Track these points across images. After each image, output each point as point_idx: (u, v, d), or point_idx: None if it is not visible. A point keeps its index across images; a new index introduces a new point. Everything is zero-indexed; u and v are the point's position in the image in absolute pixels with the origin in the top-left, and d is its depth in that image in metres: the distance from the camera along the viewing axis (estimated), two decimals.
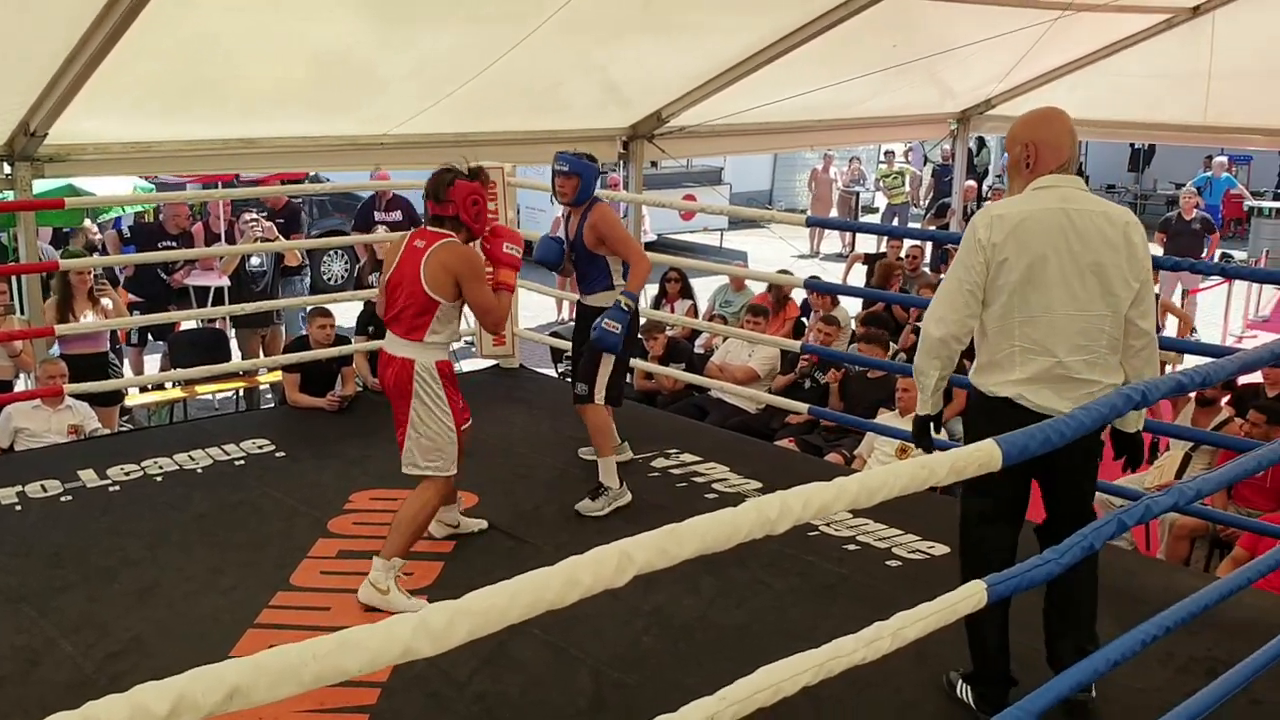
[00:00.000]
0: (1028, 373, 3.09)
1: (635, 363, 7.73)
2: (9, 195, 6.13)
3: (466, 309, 4.22)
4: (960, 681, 3.38)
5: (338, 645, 1.30)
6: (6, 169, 6.11)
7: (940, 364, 3.23)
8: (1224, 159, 16.62)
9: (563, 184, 5.01)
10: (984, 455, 1.98)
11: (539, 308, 11.78)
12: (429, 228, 4.14)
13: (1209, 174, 16.36)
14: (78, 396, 6.16)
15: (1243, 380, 6.41)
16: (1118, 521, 2.36)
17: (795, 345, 6.68)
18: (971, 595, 2.11)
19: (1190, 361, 5.57)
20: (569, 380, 5.23)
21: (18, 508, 4.85)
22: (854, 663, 1.91)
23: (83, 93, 5.68)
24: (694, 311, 9.44)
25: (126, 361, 8.47)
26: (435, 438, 4.11)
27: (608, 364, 4.96)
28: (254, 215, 8.86)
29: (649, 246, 11.91)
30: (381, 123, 7.24)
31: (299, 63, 6.35)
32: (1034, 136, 3.14)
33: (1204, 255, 11.50)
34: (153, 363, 9.12)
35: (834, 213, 18.32)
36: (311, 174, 10.97)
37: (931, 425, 3.47)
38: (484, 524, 4.72)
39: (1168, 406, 6.74)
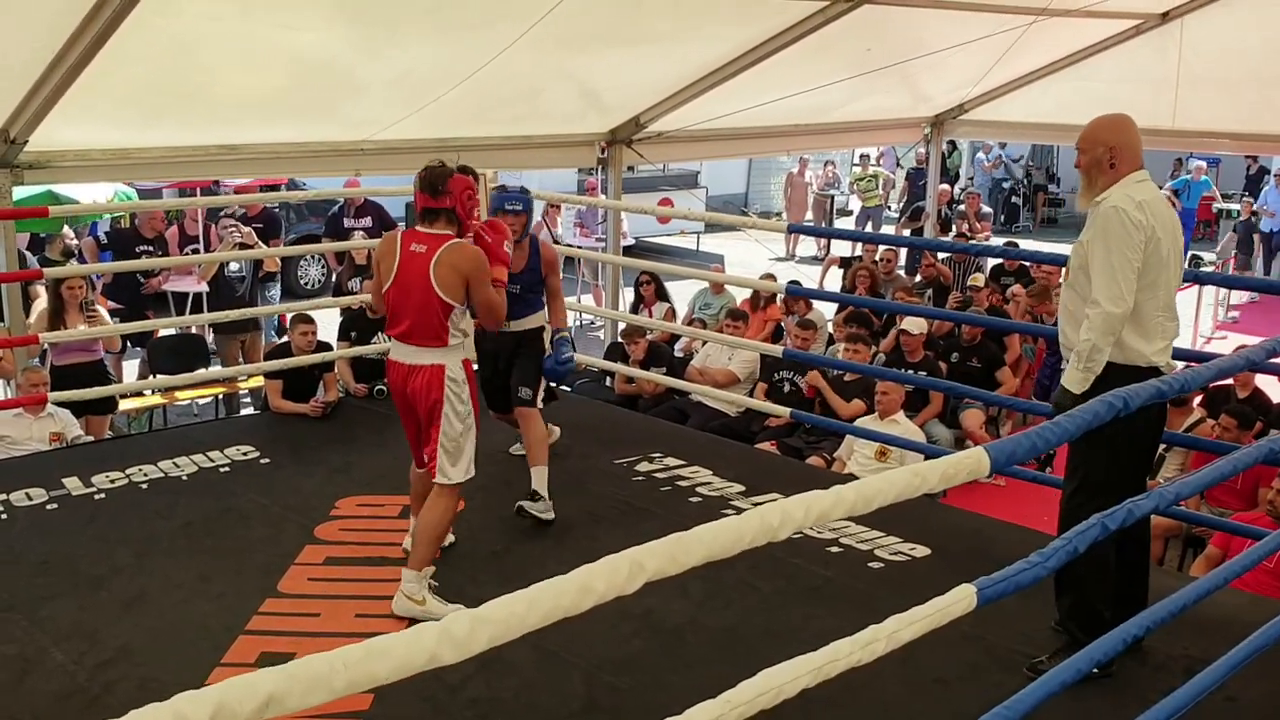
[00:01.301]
0: (1166, 339, 3.51)
1: (617, 366, 7.81)
2: None
3: None
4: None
5: (366, 653, 1.34)
6: None
7: (1114, 339, 3.47)
8: (1202, 163, 16.81)
9: (514, 222, 5.01)
10: (973, 462, 2.05)
11: None
12: (420, 228, 4.09)
13: (1188, 177, 16.54)
14: (71, 405, 6.14)
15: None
16: (1100, 525, 2.43)
17: (776, 350, 6.73)
18: (961, 599, 2.17)
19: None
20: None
21: (3, 516, 4.85)
22: (851, 665, 1.97)
23: (64, 100, 5.68)
24: (671, 315, 9.52)
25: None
26: (462, 441, 4.11)
27: (540, 372, 5.17)
28: (233, 221, 8.85)
29: (627, 251, 11.99)
30: (362, 129, 7.25)
31: (280, 69, 6.37)
32: (1117, 140, 3.53)
33: None
34: (130, 368, 9.09)
35: (809, 215, 18.45)
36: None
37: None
38: (452, 538, 4.67)
39: None
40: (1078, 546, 2.35)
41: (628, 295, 10.21)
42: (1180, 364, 3.51)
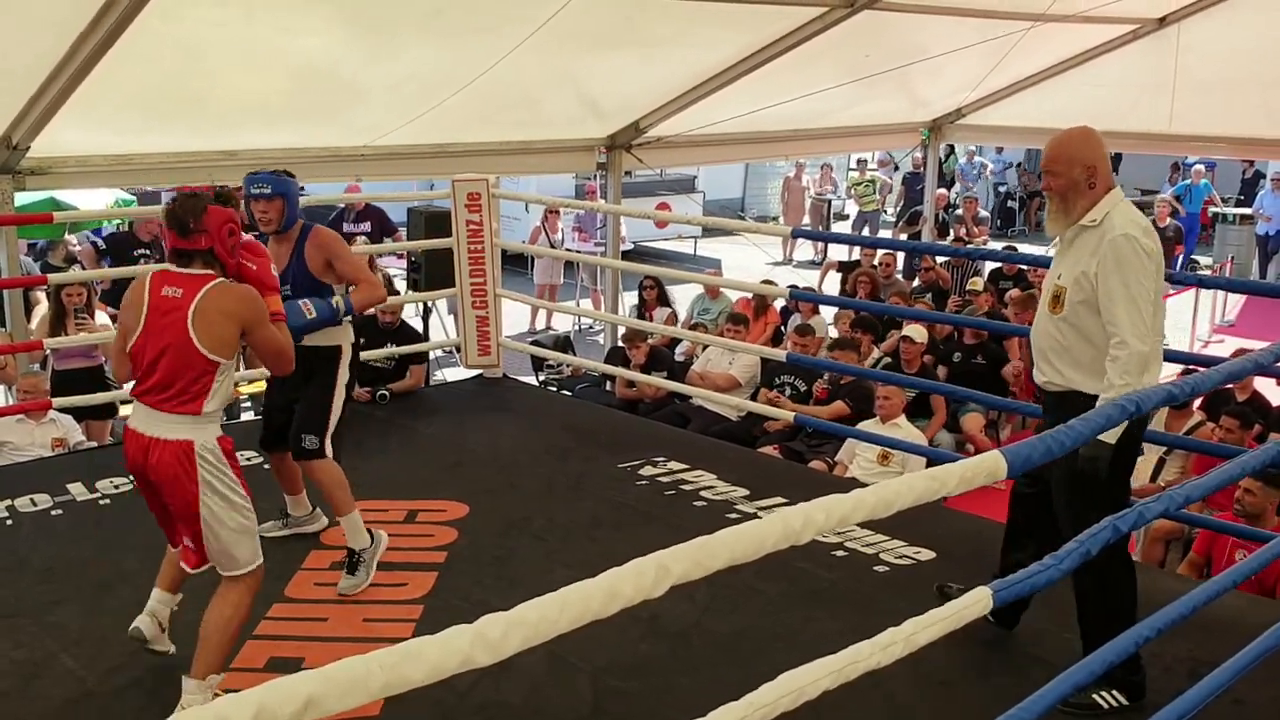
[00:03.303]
0: (1159, 363, 3.31)
1: (618, 370, 7.80)
2: None
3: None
4: (1104, 692, 3.38)
5: (401, 656, 1.35)
6: None
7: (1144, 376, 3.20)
8: (1201, 166, 16.83)
9: (265, 209, 4.21)
10: (991, 465, 2.06)
11: (517, 316, 11.82)
12: (176, 269, 3.37)
13: (1188, 182, 16.57)
14: (72, 410, 6.14)
15: None
16: (1112, 528, 2.45)
17: (780, 354, 6.74)
18: (977, 602, 2.19)
19: (1168, 370, 5.69)
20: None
21: (9, 521, 4.84)
22: (870, 667, 1.99)
23: (67, 105, 5.69)
24: (673, 319, 9.54)
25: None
26: (243, 526, 3.43)
27: (335, 409, 4.34)
28: None
29: (626, 255, 12.01)
30: (364, 134, 7.28)
31: (281, 75, 6.39)
32: (1094, 157, 3.26)
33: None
34: None
35: (806, 219, 18.51)
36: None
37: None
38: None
39: None
40: (1090, 549, 2.37)
41: (627, 299, 10.23)
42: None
